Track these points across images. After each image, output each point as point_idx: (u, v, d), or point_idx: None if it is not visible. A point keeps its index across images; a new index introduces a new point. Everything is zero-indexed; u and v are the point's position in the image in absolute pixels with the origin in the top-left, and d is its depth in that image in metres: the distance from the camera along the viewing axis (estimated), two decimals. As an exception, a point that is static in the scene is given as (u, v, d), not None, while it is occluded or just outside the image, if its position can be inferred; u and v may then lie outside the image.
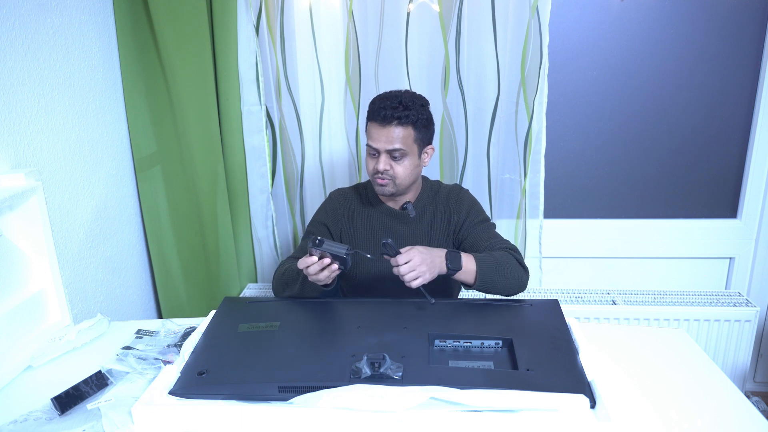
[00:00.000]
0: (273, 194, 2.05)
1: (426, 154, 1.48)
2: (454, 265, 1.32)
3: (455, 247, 1.54)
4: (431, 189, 1.57)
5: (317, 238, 1.24)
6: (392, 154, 1.41)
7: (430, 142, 1.48)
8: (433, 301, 1.29)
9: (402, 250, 1.27)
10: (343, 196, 1.59)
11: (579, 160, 2.08)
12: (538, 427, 0.96)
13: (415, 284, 1.26)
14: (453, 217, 1.53)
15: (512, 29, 1.80)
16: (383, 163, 1.41)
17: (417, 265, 1.26)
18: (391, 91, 1.44)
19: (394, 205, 1.54)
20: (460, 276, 1.34)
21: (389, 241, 1.25)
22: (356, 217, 1.56)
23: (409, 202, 1.51)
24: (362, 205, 1.56)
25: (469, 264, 1.34)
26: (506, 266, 1.37)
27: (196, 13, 1.76)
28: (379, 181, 1.44)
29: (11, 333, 1.28)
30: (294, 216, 2.09)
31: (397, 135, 1.39)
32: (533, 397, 0.97)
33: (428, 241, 1.52)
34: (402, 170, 1.42)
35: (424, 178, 1.58)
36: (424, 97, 1.46)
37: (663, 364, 1.21)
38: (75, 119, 1.62)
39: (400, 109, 1.38)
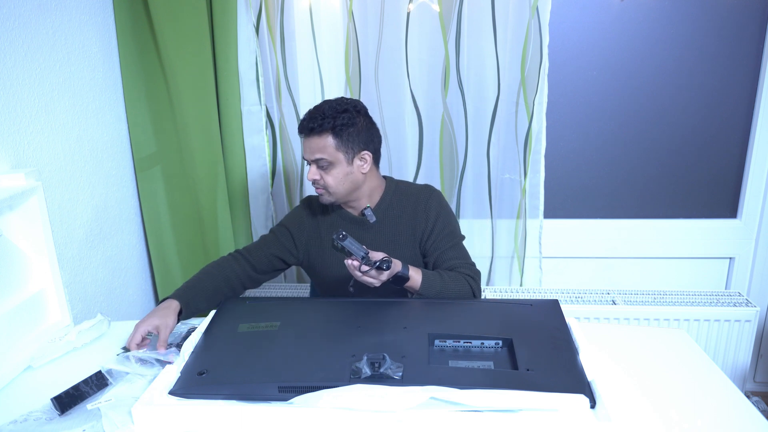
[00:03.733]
0: (273, 194, 2.05)
1: (363, 160, 1.43)
2: (403, 272, 1.33)
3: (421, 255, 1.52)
4: (395, 192, 1.52)
5: (342, 233, 1.24)
6: (318, 164, 1.40)
7: (365, 148, 1.42)
8: (352, 290, 1.33)
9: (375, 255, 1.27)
10: (309, 203, 1.59)
11: (579, 160, 2.08)
12: (538, 427, 0.96)
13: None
14: (420, 224, 1.48)
15: (512, 29, 1.80)
16: (311, 172, 1.42)
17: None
18: (323, 101, 1.43)
19: (353, 211, 1.51)
20: (406, 285, 1.36)
21: (344, 235, 1.24)
22: (321, 224, 1.54)
23: (369, 207, 1.48)
24: (326, 212, 1.55)
25: (415, 276, 1.36)
26: (451, 291, 1.39)
27: (196, 13, 1.76)
28: (316, 190, 1.46)
29: (11, 333, 1.28)
30: (294, 216, 2.09)
31: (316, 145, 1.38)
32: (533, 397, 0.97)
33: (394, 247, 1.48)
34: (332, 180, 1.41)
35: (388, 180, 1.53)
36: (351, 102, 1.42)
37: (663, 364, 1.21)
38: (75, 119, 1.62)
39: (317, 119, 1.37)
